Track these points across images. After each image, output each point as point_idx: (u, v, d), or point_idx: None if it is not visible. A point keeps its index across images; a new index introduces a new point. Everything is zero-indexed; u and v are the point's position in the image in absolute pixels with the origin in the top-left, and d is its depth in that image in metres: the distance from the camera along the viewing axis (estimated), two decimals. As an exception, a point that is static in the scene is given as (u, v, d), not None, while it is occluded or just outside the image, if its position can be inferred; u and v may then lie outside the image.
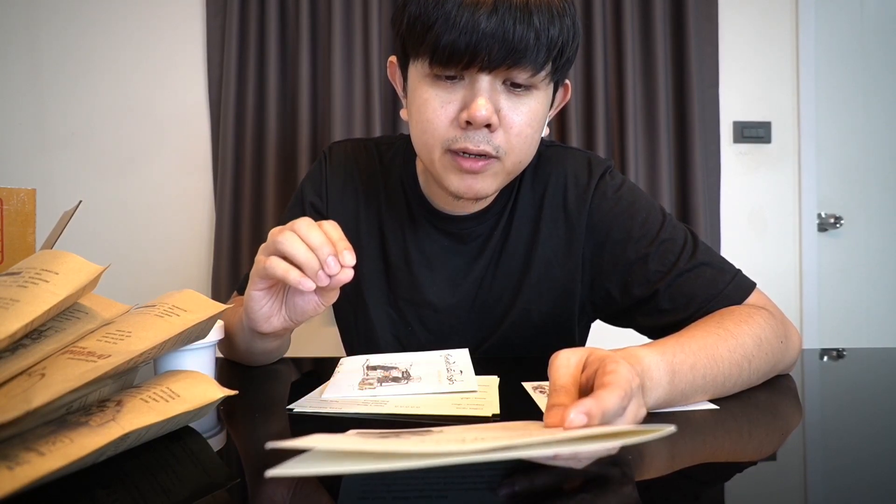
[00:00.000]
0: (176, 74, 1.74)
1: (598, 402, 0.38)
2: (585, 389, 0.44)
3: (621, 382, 0.40)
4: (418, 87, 0.66)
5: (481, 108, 0.61)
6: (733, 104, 1.84)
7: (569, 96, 0.76)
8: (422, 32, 0.61)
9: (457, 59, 0.60)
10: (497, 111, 0.64)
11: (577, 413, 0.36)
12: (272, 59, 1.67)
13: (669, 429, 0.35)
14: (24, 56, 1.71)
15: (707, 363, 0.54)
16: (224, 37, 1.69)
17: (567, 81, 0.74)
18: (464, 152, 0.65)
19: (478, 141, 0.64)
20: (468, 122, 0.63)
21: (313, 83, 1.69)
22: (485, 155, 0.65)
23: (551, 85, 0.68)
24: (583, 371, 0.45)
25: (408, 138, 0.82)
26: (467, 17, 0.58)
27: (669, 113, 1.75)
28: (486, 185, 0.68)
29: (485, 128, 0.64)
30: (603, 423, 0.38)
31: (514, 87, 0.64)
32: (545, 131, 0.72)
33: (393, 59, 0.74)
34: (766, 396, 0.59)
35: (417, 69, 0.66)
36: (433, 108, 0.65)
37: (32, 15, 1.71)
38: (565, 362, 0.45)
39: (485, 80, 0.62)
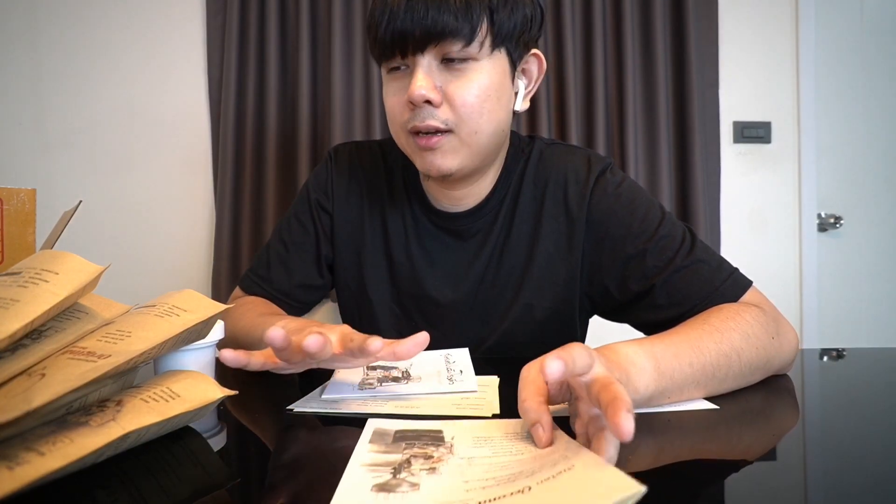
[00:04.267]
0: (176, 74, 1.74)
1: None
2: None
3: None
4: (384, 87, 0.74)
5: (416, 87, 0.67)
6: (733, 104, 1.84)
7: (544, 67, 0.78)
8: (371, 41, 0.71)
9: (390, 51, 0.69)
10: (438, 88, 0.68)
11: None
12: (272, 59, 1.67)
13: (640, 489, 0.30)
14: (24, 56, 1.71)
15: (691, 353, 0.54)
16: (224, 37, 1.69)
17: (536, 52, 0.76)
18: (417, 131, 0.70)
19: (423, 117, 0.69)
20: (412, 103, 0.68)
21: (313, 83, 1.69)
22: (436, 131, 0.70)
23: (502, 54, 0.71)
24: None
25: None
26: (390, 13, 0.66)
27: (669, 113, 1.75)
28: (447, 161, 0.72)
29: (429, 105, 0.68)
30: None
31: (449, 62, 0.68)
32: (523, 105, 0.76)
33: None
34: (765, 396, 0.59)
35: (382, 73, 0.74)
36: (390, 98, 0.72)
37: (33, 15, 1.71)
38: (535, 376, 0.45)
39: (421, 62, 0.68)
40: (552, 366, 0.37)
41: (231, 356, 0.50)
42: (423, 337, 0.53)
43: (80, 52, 1.72)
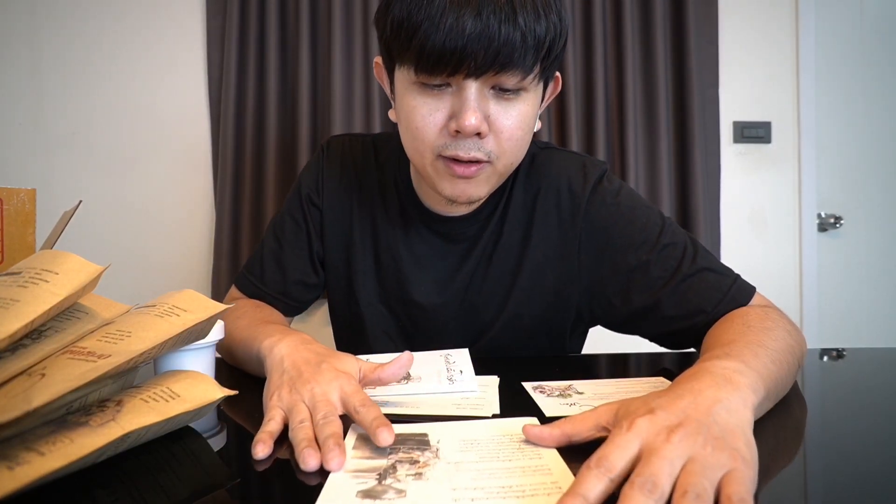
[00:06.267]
0: (176, 74, 1.74)
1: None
2: None
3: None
4: (405, 95, 0.64)
5: (470, 118, 0.60)
6: (733, 104, 1.84)
7: (559, 88, 0.74)
8: (406, 39, 0.59)
9: (442, 67, 0.58)
10: (486, 117, 0.62)
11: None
12: (272, 59, 1.67)
13: None
14: (23, 56, 1.71)
15: (764, 352, 0.50)
16: (224, 37, 1.69)
17: (557, 74, 0.72)
18: (455, 159, 0.64)
19: (468, 148, 0.63)
20: (458, 131, 0.62)
21: (313, 83, 1.69)
22: (476, 161, 0.64)
23: (541, 83, 0.66)
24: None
25: None
26: (451, 22, 0.56)
27: (669, 113, 1.75)
28: (478, 189, 0.67)
29: (475, 135, 0.62)
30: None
31: (502, 91, 0.62)
32: (537, 125, 0.71)
33: (378, 60, 0.72)
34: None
35: (404, 75, 0.63)
36: (422, 116, 0.63)
37: (32, 15, 1.71)
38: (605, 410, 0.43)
39: (472, 87, 0.60)
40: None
41: (263, 451, 0.43)
42: (406, 357, 0.54)
43: (80, 52, 1.72)
